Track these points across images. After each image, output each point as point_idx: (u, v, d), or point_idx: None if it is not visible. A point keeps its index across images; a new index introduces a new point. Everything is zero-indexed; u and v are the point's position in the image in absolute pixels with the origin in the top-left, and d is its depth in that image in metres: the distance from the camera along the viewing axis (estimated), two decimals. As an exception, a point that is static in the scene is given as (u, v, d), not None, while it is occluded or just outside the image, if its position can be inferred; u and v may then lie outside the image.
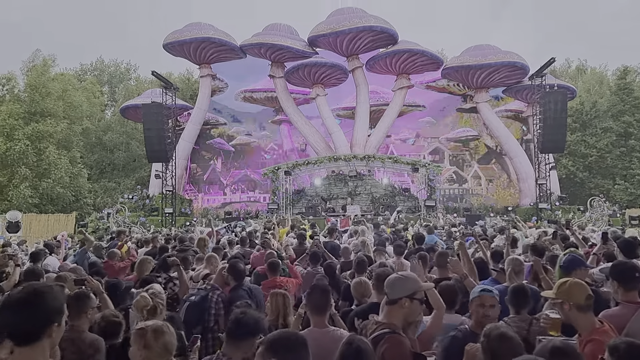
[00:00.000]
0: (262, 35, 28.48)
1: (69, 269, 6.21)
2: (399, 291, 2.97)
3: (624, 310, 3.34)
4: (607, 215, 23.24)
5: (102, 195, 36.74)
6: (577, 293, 2.99)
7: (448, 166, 32.04)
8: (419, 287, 3.04)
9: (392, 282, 3.05)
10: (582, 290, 3.02)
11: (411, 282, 3.02)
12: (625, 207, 29.90)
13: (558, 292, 3.05)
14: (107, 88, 49.61)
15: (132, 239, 11.54)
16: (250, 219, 24.60)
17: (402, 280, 3.03)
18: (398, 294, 2.96)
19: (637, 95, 36.04)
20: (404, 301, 2.93)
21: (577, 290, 3.01)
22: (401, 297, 2.94)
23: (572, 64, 48.76)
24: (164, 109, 25.79)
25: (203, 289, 5.12)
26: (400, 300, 2.94)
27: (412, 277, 3.13)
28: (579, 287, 3.04)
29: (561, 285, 3.08)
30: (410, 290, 2.96)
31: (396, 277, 3.09)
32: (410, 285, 2.99)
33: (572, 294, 2.98)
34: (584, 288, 3.05)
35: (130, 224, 23.68)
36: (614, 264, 3.90)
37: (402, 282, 3.01)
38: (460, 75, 28.27)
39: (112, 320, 3.62)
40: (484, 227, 18.25)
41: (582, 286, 3.07)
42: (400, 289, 2.97)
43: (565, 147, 27.92)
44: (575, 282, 3.11)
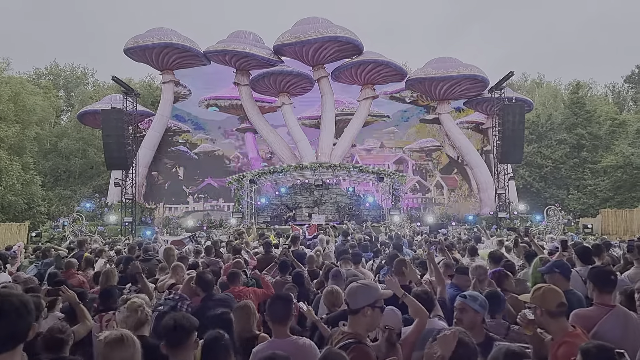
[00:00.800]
0: (227, 42, 28.22)
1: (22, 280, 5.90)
2: (360, 300, 2.94)
3: (597, 311, 3.46)
4: (562, 224, 24.08)
5: (57, 204, 35.33)
6: (549, 299, 3.07)
7: (412, 176, 32.53)
8: (380, 295, 3.03)
9: (354, 291, 3.02)
10: (555, 297, 3.10)
11: (372, 291, 3.01)
12: (579, 216, 31.15)
13: (533, 297, 3.14)
14: (62, 93, 47.94)
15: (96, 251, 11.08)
16: (214, 228, 24.22)
17: (363, 289, 3.01)
18: (360, 303, 2.93)
19: (589, 109, 37.76)
20: (366, 310, 2.91)
21: (550, 296, 3.09)
22: (363, 306, 2.92)
23: (528, 78, 50.71)
24: (124, 115, 25.07)
25: (171, 298, 4.91)
26: (363, 309, 2.92)
27: (373, 286, 3.13)
28: (552, 294, 3.12)
29: (536, 290, 3.17)
30: (372, 299, 2.95)
31: (357, 285, 3.07)
32: (371, 294, 2.98)
33: (545, 300, 3.07)
34: (558, 295, 3.13)
35: (87, 233, 22.82)
36: (592, 267, 4.09)
37: (363, 291, 2.99)
38: (423, 86, 28.84)
39: (55, 336, 3.46)
40: (447, 236, 18.56)
41: (555, 293, 3.15)
42: (362, 298, 2.95)
43: (523, 158, 28.87)
44: (549, 288, 3.20)
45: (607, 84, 52.73)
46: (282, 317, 3.26)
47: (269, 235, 16.44)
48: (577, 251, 5.83)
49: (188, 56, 28.24)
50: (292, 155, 29.20)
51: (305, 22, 27.93)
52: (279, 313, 3.26)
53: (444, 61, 28.41)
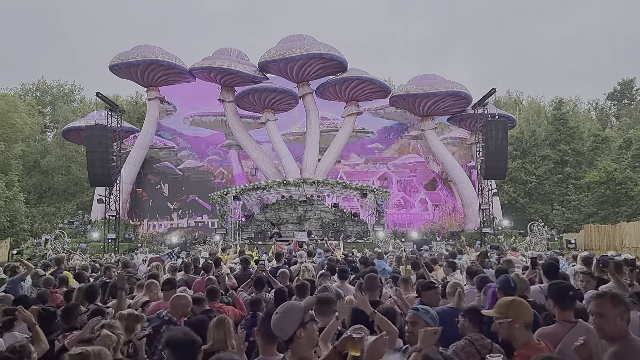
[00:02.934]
0: (212, 59, 28.39)
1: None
2: (288, 328, 2.80)
3: (559, 328, 3.46)
4: (546, 239, 24.24)
5: (40, 221, 34.92)
6: (526, 311, 3.07)
7: (396, 192, 32.64)
8: (303, 311, 2.87)
9: (277, 325, 2.85)
10: (529, 308, 3.12)
11: (294, 312, 2.84)
12: (563, 231, 31.37)
13: (508, 311, 3.07)
14: (49, 109, 47.73)
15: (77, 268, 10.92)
16: (198, 245, 24.06)
17: (284, 317, 2.84)
18: (289, 331, 2.79)
19: (572, 125, 38.29)
20: (299, 332, 2.78)
21: (526, 308, 3.10)
22: (294, 331, 2.78)
23: (512, 94, 51.39)
24: (109, 131, 25.04)
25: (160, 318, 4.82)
26: (295, 335, 2.78)
27: (293, 307, 2.92)
28: (526, 305, 3.13)
29: (510, 304, 3.13)
30: (298, 320, 2.80)
31: (277, 317, 2.88)
32: (295, 316, 2.82)
33: (522, 312, 3.06)
34: (528, 306, 3.16)
35: (69, 251, 22.54)
36: (550, 284, 4.04)
37: (286, 318, 2.83)
38: (407, 103, 29.11)
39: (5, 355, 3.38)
40: (430, 251, 18.59)
41: (527, 304, 3.17)
42: (289, 325, 2.80)
43: (507, 174, 29.12)
44: (520, 300, 3.20)
45: (590, 100, 53.72)
46: (272, 335, 3.18)
47: (249, 253, 16.38)
48: (543, 267, 5.84)
49: (173, 73, 28.34)
50: (276, 171, 29.23)
51: (289, 39, 28.20)
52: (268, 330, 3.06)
53: (427, 78, 28.76)
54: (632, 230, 24.75)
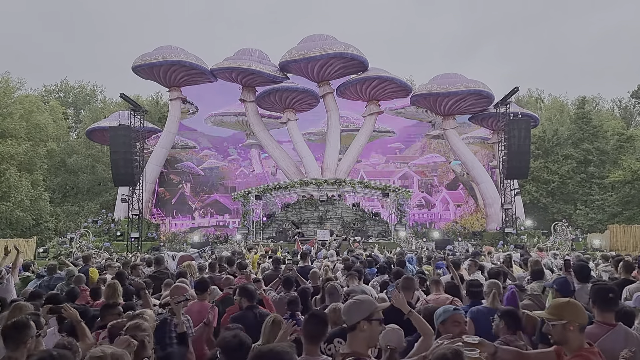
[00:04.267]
0: (233, 59, 28.57)
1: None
2: (355, 315, 2.94)
3: (597, 329, 3.44)
4: (570, 240, 23.87)
5: (64, 220, 35.58)
6: (582, 314, 3.01)
7: (417, 191, 32.49)
8: (374, 308, 3.00)
9: (348, 308, 3.02)
10: (583, 311, 3.07)
11: (366, 304, 3.00)
12: (587, 231, 30.86)
13: (564, 312, 3.00)
14: (72, 110, 48.58)
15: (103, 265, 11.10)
16: (220, 244, 24.26)
17: (356, 304, 3.00)
18: (355, 318, 2.93)
19: (595, 124, 37.66)
20: (362, 324, 2.90)
21: (582, 310, 3.04)
22: (359, 320, 2.91)
23: (534, 93, 50.72)
24: (132, 131, 25.36)
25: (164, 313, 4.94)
26: (359, 324, 2.91)
27: (367, 299, 3.11)
28: (582, 308, 3.08)
29: (565, 305, 3.06)
30: (366, 312, 2.93)
31: (351, 302, 3.07)
32: (365, 307, 2.96)
33: (579, 314, 2.99)
34: (584, 309, 3.11)
35: (94, 249, 22.92)
36: (592, 285, 4.02)
37: (357, 306, 2.98)
38: (428, 102, 28.93)
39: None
40: (453, 252, 18.48)
41: (582, 307, 3.12)
42: (356, 313, 2.94)
43: (529, 174, 28.74)
44: (575, 302, 3.14)
45: (614, 99, 52.63)
46: (316, 336, 3.22)
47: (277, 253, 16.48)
48: (574, 269, 5.81)
49: (195, 73, 28.58)
50: (297, 170, 29.31)
51: (310, 39, 28.24)
52: (314, 331, 3.21)
53: (448, 77, 28.52)
54: (659, 231, 24.26)
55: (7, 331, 3.31)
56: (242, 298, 5.24)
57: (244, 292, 5.26)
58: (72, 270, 9.16)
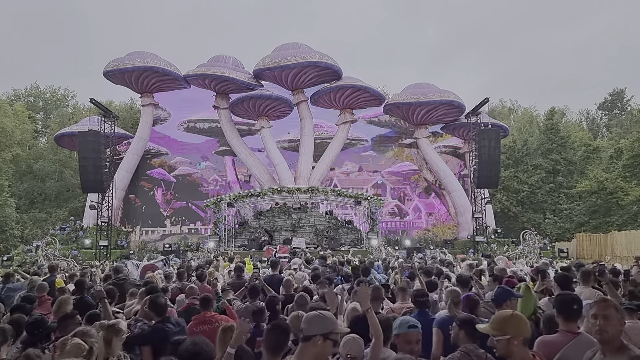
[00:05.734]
0: (207, 66, 28.41)
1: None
2: (314, 328, 2.88)
3: (561, 338, 3.49)
4: (538, 248, 24.32)
5: (31, 227, 34.59)
6: (525, 327, 2.96)
7: (390, 199, 32.70)
8: (334, 327, 2.95)
9: (309, 319, 2.95)
10: (527, 323, 3.02)
11: (328, 321, 2.93)
12: (555, 240, 31.53)
13: (506, 327, 2.93)
14: (41, 115, 47.46)
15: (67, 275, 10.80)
16: (190, 252, 23.92)
17: (319, 317, 2.94)
18: (313, 331, 2.87)
19: (563, 134, 38.61)
20: (317, 339, 2.84)
21: (525, 323, 2.99)
22: (315, 334, 2.85)
23: (505, 104, 51.82)
24: (102, 137, 24.98)
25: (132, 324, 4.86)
26: (314, 338, 2.84)
27: (330, 317, 3.03)
28: (525, 320, 3.03)
29: (508, 319, 2.98)
30: (325, 329, 2.87)
31: (314, 314, 3.00)
32: (326, 324, 2.90)
33: (522, 328, 2.94)
34: (527, 321, 3.07)
35: (60, 257, 22.34)
36: (557, 295, 4.09)
37: (319, 319, 2.92)
38: (401, 111, 29.26)
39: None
40: (424, 260, 18.59)
41: (525, 319, 3.07)
42: (316, 326, 2.88)
43: (500, 183, 29.28)
44: (519, 315, 3.08)
45: (582, 110, 54.26)
46: (278, 347, 3.15)
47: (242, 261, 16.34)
48: (556, 279, 5.88)
49: (168, 79, 28.32)
50: (270, 178, 29.21)
51: (284, 47, 28.29)
52: (276, 342, 3.14)
53: (421, 87, 28.94)
54: (624, 240, 24.92)
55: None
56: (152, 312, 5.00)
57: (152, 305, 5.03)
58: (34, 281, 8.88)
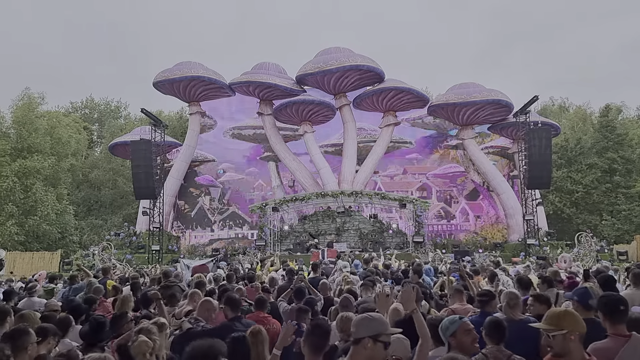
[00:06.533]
0: (251, 73, 28.96)
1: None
2: (362, 330, 2.84)
3: (612, 343, 3.32)
4: (595, 251, 23.24)
5: (88, 233, 36.31)
6: (581, 322, 2.95)
7: (436, 202, 32.14)
8: (384, 329, 2.89)
9: (358, 321, 2.93)
10: (581, 319, 3.00)
11: (376, 323, 2.89)
12: (613, 242, 30.00)
13: (562, 322, 2.94)
14: (96, 126, 49.82)
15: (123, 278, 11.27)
16: (238, 256, 24.37)
17: (367, 320, 2.90)
18: (362, 334, 2.83)
19: (620, 132, 36.78)
20: (367, 341, 2.80)
21: (580, 319, 2.98)
22: (364, 336, 2.82)
23: (555, 102, 49.93)
24: (153, 145, 25.90)
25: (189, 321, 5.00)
26: (363, 340, 2.81)
27: (379, 318, 2.99)
28: (579, 316, 3.02)
29: (563, 315, 3.00)
30: (374, 331, 2.82)
31: (363, 316, 2.97)
32: (374, 326, 2.86)
33: (578, 323, 2.93)
34: (580, 317, 3.04)
35: (115, 262, 23.31)
36: (601, 296, 3.86)
37: (367, 322, 2.89)
38: (446, 112, 28.74)
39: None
40: (472, 263, 18.15)
41: (579, 315, 3.06)
42: (365, 329, 2.84)
43: (552, 183, 28.17)
44: (572, 312, 3.09)
45: (639, 106, 51.45)
46: (319, 347, 3.17)
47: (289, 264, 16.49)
48: (599, 281, 5.67)
49: (214, 88, 29.09)
50: (314, 182, 29.36)
51: (326, 52, 28.44)
52: (317, 342, 3.17)
53: (466, 86, 28.32)
54: (688, 242, 23.45)
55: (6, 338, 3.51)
56: (227, 307, 5.15)
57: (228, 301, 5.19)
58: (92, 282, 9.35)
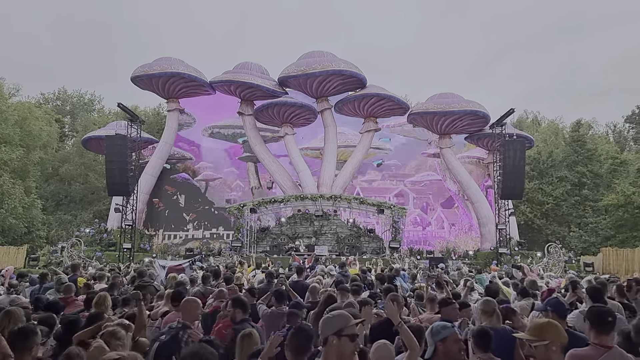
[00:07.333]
0: (233, 73, 28.70)
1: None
2: (326, 330, 2.89)
3: (593, 351, 3.39)
4: (563, 262, 23.90)
5: (56, 228, 35.28)
6: (563, 333, 3.02)
7: (412, 209, 32.49)
8: (346, 323, 2.91)
9: (321, 323, 2.96)
10: (563, 330, 3.07)
11: (337, 319, 2.92)
12: (580, 253, 30.89)
13: (545, 333, 2.99)
14: (68, 118, 48.53)
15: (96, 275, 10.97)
16: (212, 257, 24.08)
17: (328, 319, 2.95)
18: (326, 333, 2.88)
19: (590, 147, 37.97)
20: (331, 339, 2.84)
21: (562, 330, 3.05)
22: (328, 335, 2.86)
23: (529, 115, 51.23)
24: (129, 141, 25.35)
25: (174, 328, 4.83)
26: (328, 339, 2.86)
27: (340, 315, 3.01)
28: (561, 328, 3.09)
29: (546, 326, 3.05)
30: (336, 327, 2.87)
31: (324, 317, 3.01)
32: (335, 322, 2.90)
33: (560, 334, 3.00)
34: (562, 328, 3.09)
35: (85, 259, 22.73)
36: (590, 307, 3.98)
37: (328, 321, 2.93)
38: (425, 120, 29.09)
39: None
40: (446, 270, 18.41)
41: (561, 326, 3.11)
42: (327, 328, 2.89)
43: (524, 195, 28.84)
44: (554, 322, 3.14)
45: (608, 123, 53.32)
46: (302, 351, 3.12)
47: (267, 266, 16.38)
48: (588, 291, 5.80)
49: (194, 85, 28.71)
50: (293, 185, 29.29)
51: (310, 55, 28.44)
52: (300, 345, 3.11)
53: (446, 96, 28.74)
54: (652, 255, 24.33)
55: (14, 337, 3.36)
56: (236, 309, 5.14)
57: (237, 303, 5.17)
58: (61, 278, 9.08)
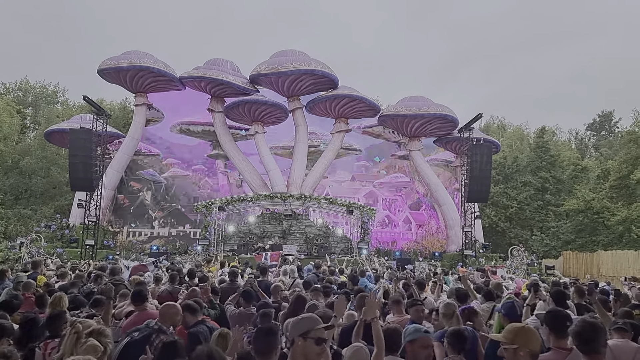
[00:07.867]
0: (203, 69, 28.28)
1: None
2: (293, 331, 2.91)
3: (555, 355, 3.43)
4: (525, 264, 24.48)
5: (15, 223, 33.95)
6: (535, 340, 3.00)
7: (381, 210, 32.74)
8: (313, 326, 2.90)
9: (289, 325, 3.01)
10: (538, 338, 3.06)
11: (304, 322, 2.94)
12: (542, 257, 31.76)
13: (516, 337, 3.00)
14: (30, 110, 46.86)
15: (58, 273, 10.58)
16: (178, 255, 23.67)
17: (296, 321, 2.97)
18: (292, 335, 2.90)
19: (553, 153, 39.11)
20: (297, 340, 2.86)
21: (535, 337, 3.03)
22: (294, 336, 2.88)
23: (496, 120, 52.41)
24: (94, 135, 24.66)
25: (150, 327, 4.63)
26: (294, 340, 2.88)
27: (307, 317, 3.04)
28: (536, 335, 3.06)
29: (518, 331, 3.06)
30: (302, 329, 2.87)
31: (293, 319, 3.05)
32: (302, 324, 2.91)
33: (530, 340, 2.99)
34: (538, 336, 3.10)
35: (45, 255, 21.94)
36: (548, 311, 4.04)
37: (296, 323, 2.95)
38: (395, 123, 29.37)
39: None
40: (412, 271, 18.62)
41: (537, 333, 3.11)
42: (294, 329, 2.91)
43: (489, 198, 29.46)
44: (530, 328, 3.13)
45: (571, 130, 55.12)
46: (266, 351, 3.06)
47: (234, 263, 16.20)
48: (553, 295, 5.89)
49: (163, 80, 28.13)
50: (262, 184, 29.08)
51: (282, 54, 28.29)
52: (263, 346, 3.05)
53: (416, 100, 29.10)
54: (609, 259, 25.23)
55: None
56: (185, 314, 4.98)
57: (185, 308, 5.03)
58: (20, 276, 8.71)
